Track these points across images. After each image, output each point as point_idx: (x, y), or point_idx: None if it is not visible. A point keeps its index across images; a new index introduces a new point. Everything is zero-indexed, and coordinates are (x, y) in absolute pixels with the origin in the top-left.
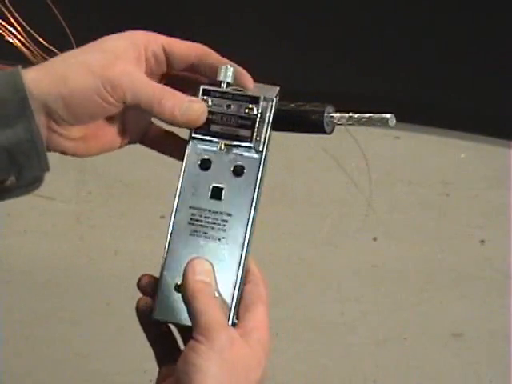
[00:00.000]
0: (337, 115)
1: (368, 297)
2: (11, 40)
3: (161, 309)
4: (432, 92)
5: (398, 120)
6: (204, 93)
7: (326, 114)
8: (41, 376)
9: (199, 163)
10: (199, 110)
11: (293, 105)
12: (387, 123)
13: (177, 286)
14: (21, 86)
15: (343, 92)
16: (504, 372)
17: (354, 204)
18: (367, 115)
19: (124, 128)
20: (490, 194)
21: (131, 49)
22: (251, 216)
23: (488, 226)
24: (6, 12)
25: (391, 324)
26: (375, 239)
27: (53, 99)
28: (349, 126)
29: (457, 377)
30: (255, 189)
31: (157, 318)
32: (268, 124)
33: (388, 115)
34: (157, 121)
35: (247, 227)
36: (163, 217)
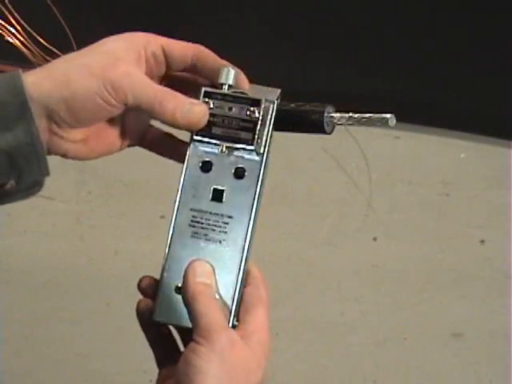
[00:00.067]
0: (337, 115)
1: (368, 297)
2: (11, 40)
3: (161, 310)
4: (432, 92)
5: (398, 120)
6: (205, 95)
7: (326, 114)
8: (41, 376)
9: (200, 165)
10: (200, 113)
11: (293, 105)
12: (387, 123)
13: (177, 288)
14: (21, 89)
15: (343, 92)
16: (504, 372)
17: (354, 204)
18: (367, 115)
19: (124, 130)
20: (490, 194)
21: (131, 50)
22: (252, 218)
23: (488, 226)
24: (6, 12)
25: (391, 324)
26: (375, 239)
27: (55, 102)
28: (349, 126)
29: (457, 377)
30: (256, 191)
31: (157, 320)
32: (269, 127)
33: (388, 115)
34: (156, 123)
35: (248, 229)
36: (163, 217)
